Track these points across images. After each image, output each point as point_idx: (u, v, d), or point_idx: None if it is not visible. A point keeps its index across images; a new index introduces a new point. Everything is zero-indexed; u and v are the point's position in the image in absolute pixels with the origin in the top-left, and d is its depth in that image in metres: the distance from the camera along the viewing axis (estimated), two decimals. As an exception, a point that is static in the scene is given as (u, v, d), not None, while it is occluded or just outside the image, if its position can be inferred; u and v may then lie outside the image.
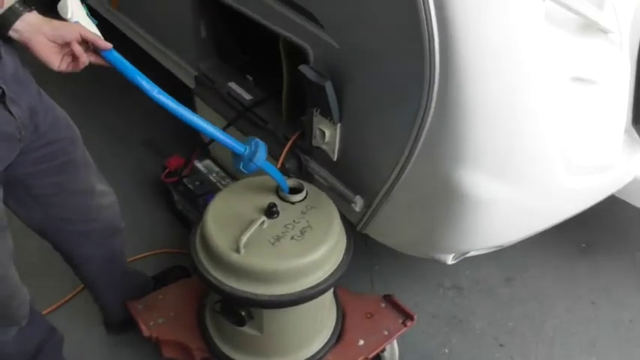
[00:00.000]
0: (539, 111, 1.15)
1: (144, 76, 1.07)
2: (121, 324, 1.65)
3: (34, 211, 1.25)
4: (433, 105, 1.14)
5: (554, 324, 1.79)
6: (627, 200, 1.69)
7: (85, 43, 1.05)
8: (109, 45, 1.07)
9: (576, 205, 1.45)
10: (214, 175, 1.99)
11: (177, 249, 1.95)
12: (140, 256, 1.89)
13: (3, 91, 0.98)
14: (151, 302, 1.57)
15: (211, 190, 1.92)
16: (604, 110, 1.29)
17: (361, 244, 1.93)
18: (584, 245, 2.07)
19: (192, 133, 2.18)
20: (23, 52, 1.04)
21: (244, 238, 1.20)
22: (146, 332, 1.49)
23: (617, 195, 1.68)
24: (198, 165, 2.02)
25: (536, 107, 1.14)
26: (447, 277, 1.92)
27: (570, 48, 1.15)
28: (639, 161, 1.57)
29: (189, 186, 1.93)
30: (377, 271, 1.93)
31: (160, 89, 1.08)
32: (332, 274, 1.26)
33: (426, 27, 1.07)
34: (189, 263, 1.83)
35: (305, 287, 1.22)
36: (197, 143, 2.05)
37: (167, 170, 2.00)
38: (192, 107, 2.07)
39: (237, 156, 1.24)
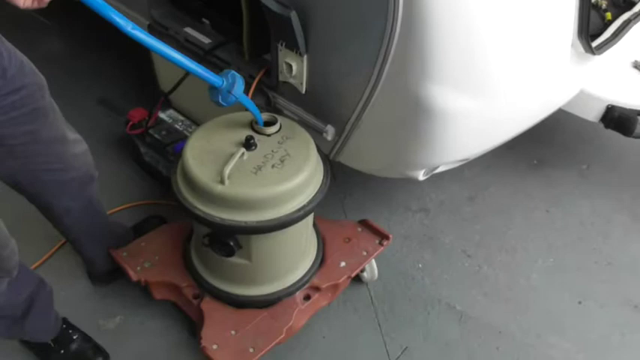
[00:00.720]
0: (494, 24, 1.23)
1: (116, 11, 1.07)
2: (105, 274, 1.67)
3: (8, 162, 1.24)
4: (398, 26, 1.20)
5: (514, 233, 1.94)
6: (575, 113, 1.82)
7: None
8: None
9: (530, 117, 1.56)
10: (180, 123, 1.99)
11: (150, 200, 1.96)
12: (114, 210, 1.89)
13: None
14: (135, 249, 1.60)
15: (179, 139, 1.93)
16: (552, 22, 1.38)
17: (331, 181, 2.02)
18: (535, 162, 2.22)
19: (147, 89, 2.19)
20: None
21: (227, 170, 1.24)
22: (134, 277, 1.52)
23: (565, 109, 1.81)
24: (162, 115, 2.01)
25: (491, 20, 1.22)
26: (414, 201, 2.03)
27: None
28: (585, 74, 1.70)
29: (156, 136, 1.93)
30: (348, 203, 2.01)
31: (135, 24, 1.08)
32: (315, 196, 1.33)
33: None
34: (164, 212, 1.88)
35: (291, 211, 1.29)
36: (158, 93, 2.04)
37: (130, 123, 1.98)
38: (149, 57, 2.04)
39: (214, 89, 1.26)
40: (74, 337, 1.49)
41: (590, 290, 1.77)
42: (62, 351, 1.47)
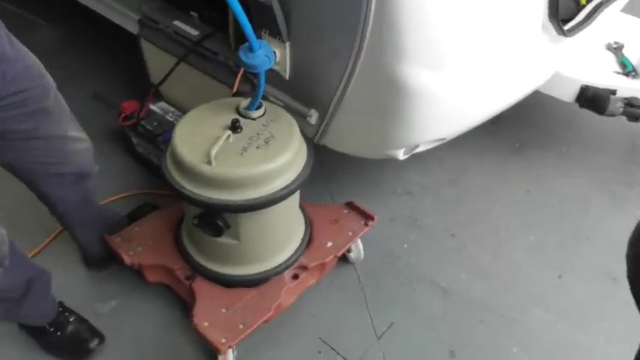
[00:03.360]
0: (464, 6, 1.29)
1: None
2: (100, 260, 1.72)
3: (9, 154, 1.30)
4: (373, 10, 1.26)
5: (496, 213, 2.00)
6: (551, 94, 1.90)
7: None
8: None
9: (505, 96, 1.62)
10: (170, 114, 2.04)
11: (143, 190, 2.02)
12: (108, 200, 1.95)
13: None
14: (128, 234, 1.66)
15: (170, 129, 1.98)
16: (521, 5, 1.44)
17: (318, 168, 2.08)
18: (517, 145, 2.29)
19: (139, 82, 2.24)
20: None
21: (214, 151, 1.30)
22: (128, 260, 1.58)
23: (541, 90, 1.88)
24: (154, 107, 2.07)
25: (460, 2, 1.28)
26: (399, 185, 2.10)
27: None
28: (559, 56, 1.76)
29: (148, 127, 1.99)
30: (335, 189, 2.07)
31: None
32: (299, 175, 1.38)
33: None
34: (156, 201, 1.94)
35: (276, 189, 1.34)
36: (149, 86, 2.10)
37: (123, 114, 2.04)
38: (139, 51, 2.10)
39: (249, 50, 1.29)
40: (70, 320, 1.54)
41: (570, 265, 1.83)
42: (59, 333, 1.52)
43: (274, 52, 1.52)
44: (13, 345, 1.58)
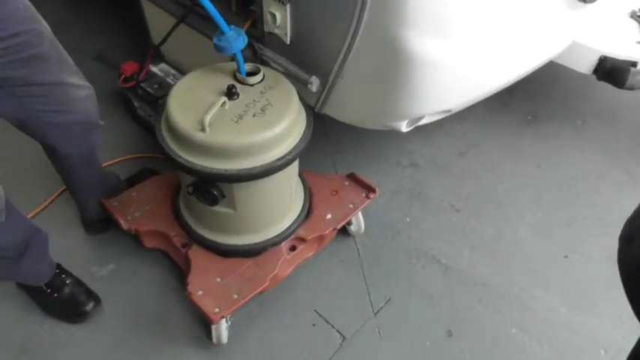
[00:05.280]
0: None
1: None
2: (98, 222, 1.71)
3: (10, 103, 1.27)
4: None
5: (504, 188, 1.94)
6: (566, 65, 1.80)
7: None
8: None
9: (517, 67, 1.54)
10: (171, 77, 1.99)
11: (144, 153, 1.99)
12: (109, 162, 1.92)
13: None
14: (126, 199, 1.64)
15: (170, 92, 1.93)
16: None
17: (322, 137, 2.03)
18: (530, 118, 2.21)
19: (141, 42, 2.18)
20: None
21: (208, 118, 1.25)
22: (125, 225, 1.56)
23: (557, 61, 1.78)
24: (154, 69, 2.02)
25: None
26: (405, 156, 2.04)
27: None
28: (577, 24, 1.66)
29: (148, 89, 1.94)
30: (339, 159, 2.02)
31: None
32: (296, 145, 1.33)
33: None
34: (157, 165, 1.91)
35: (271, 159, 1.30)
36: (150, 47, 2.04)
37: (123, 76, 1.99)
38: (140, 9, 2.04)
39: (220, 33, 1.29)
40: (67, 282, 1.54)
41: (578, 245, 1.78)
42: (55, 295, 1.53)
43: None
44: (14, 304, 1.59)
